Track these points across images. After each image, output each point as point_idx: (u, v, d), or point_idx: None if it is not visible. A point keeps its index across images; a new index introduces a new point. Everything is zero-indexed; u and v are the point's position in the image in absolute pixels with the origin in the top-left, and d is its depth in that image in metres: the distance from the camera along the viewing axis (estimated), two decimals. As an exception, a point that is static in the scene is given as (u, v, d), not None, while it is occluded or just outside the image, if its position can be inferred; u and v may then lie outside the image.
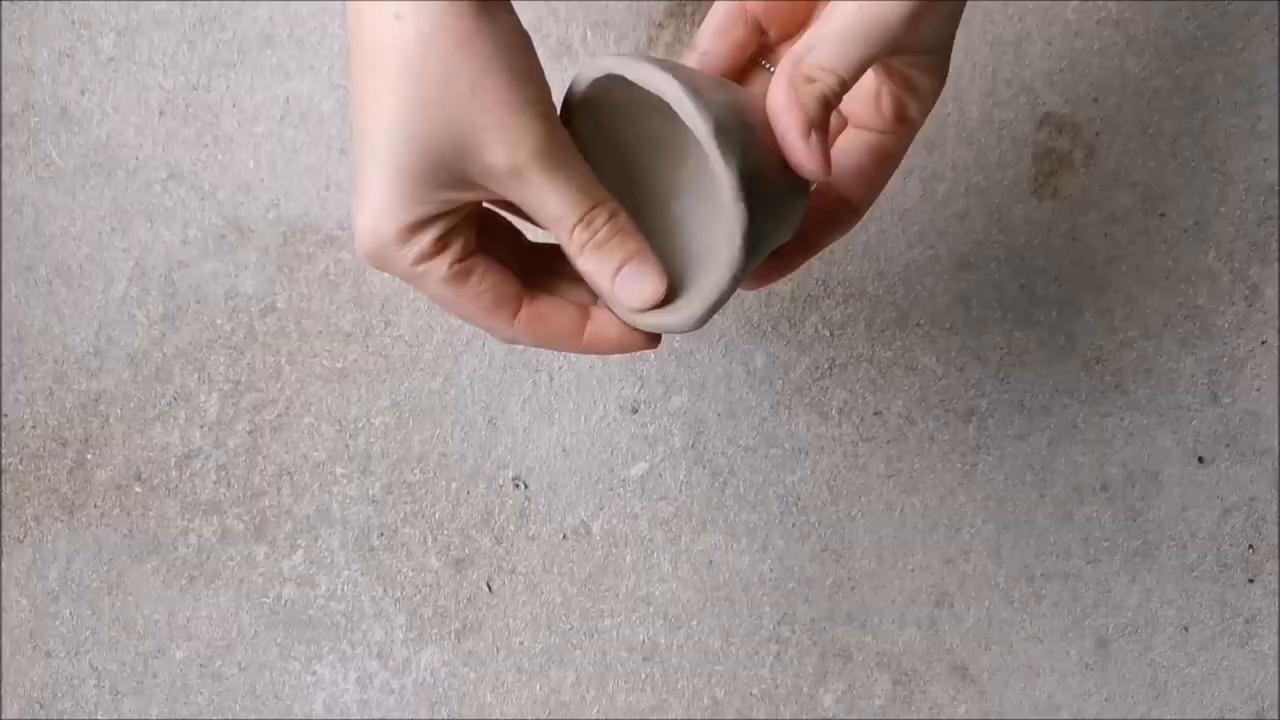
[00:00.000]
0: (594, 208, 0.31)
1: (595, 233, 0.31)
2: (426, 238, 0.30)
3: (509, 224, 0.36)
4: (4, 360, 0.53)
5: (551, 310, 0.33)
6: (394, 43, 0.28)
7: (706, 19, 0.36)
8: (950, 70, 0.51)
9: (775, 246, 0.34)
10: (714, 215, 0.34)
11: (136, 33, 0.51)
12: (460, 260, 0.31)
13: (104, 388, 0.53)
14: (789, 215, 0.33)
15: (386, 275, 0.52)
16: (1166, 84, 0.51)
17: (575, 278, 0.34)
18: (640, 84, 0.30)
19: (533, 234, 0.36)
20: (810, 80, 0.30)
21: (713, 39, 0.35)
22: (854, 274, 0.53)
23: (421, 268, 0.31)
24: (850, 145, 0.35)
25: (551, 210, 0.31)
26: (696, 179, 0.35)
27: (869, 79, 0.34)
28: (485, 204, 0.34)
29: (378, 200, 0.30)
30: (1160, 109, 0.51)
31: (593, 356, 0.53)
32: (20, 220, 0.52)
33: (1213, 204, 0.52)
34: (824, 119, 0.30)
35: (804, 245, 0.36)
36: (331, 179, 0.51)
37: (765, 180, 0.30)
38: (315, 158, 0.51)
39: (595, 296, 0.34)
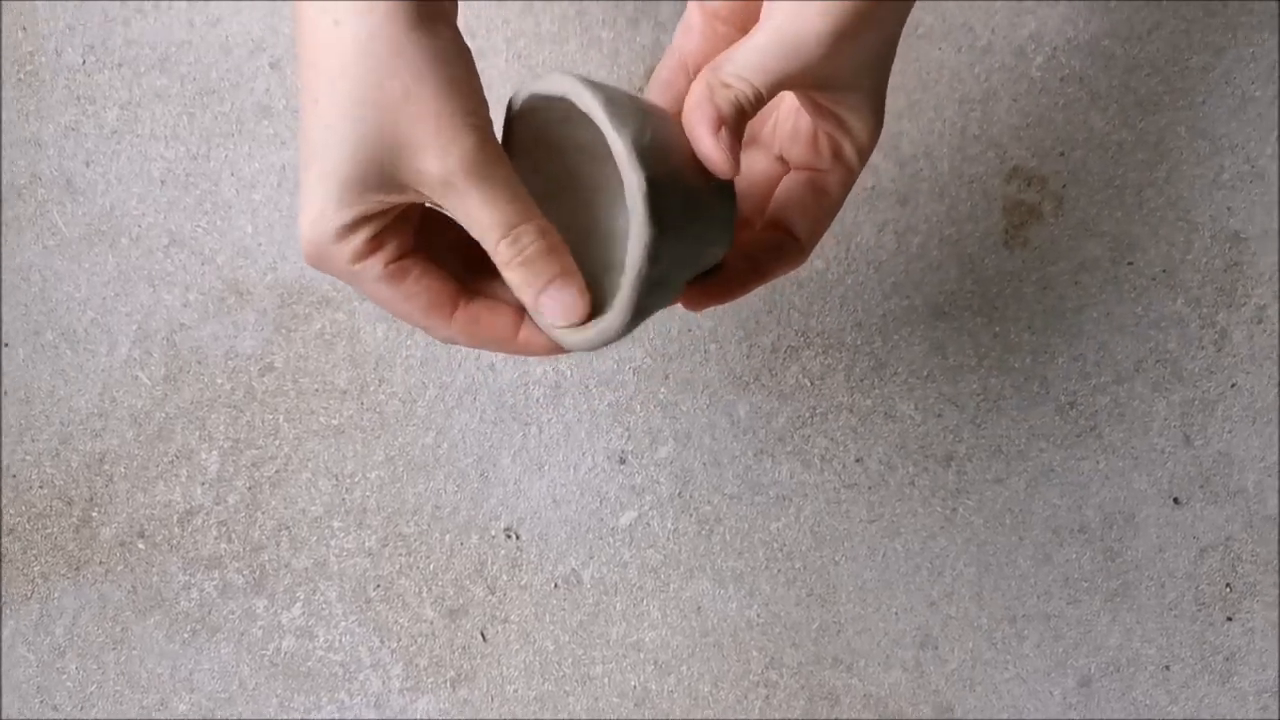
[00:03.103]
0: (522, 223, 0.32)
1: (523, 250, 0.32)
2: (360, 237, 0.31)
3: (454, 222, 0.37)
4: (12, 422, 0.55)
5: (486, 313, 0.34)
6: (333, 47, 0.30)
7: (653, 74, 0.37)
8: (921, 127, 0.53)
9: (706, 265, 0.35)
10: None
11: (139, 106, 0.53)
12: (395, 260, 0.32)
13: (108, 447, 0.55)
14: (709, 232, 0.33)
15: (380, 334, 0.54)
16: (1130, 137, 0.53)
17: None
18: (565, 96, 0.31)
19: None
20: (726, 86, 0.31)
21: (659, 92, 0.37)
22: (833, 325, 0.54)
23: (358, 266, 0.32)
24: (793, 183, 0.37)
25: (479, 221, 0.32)
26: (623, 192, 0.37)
27: (805, 124, 0.36)
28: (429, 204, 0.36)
29: (316, 201, 0.31)
30: (1125, 161, 0.53)
31: (581, 409, 0.54)
32: (27, 287, 0.54)
33: (1179, 252, 0.54)
34: (737, 121, 0.32)
35: (754, 270, 0.37)
36: (326, 243, 0.53)
37: (680, 194, 0.31)
38: (310, 223, 0.53)
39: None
